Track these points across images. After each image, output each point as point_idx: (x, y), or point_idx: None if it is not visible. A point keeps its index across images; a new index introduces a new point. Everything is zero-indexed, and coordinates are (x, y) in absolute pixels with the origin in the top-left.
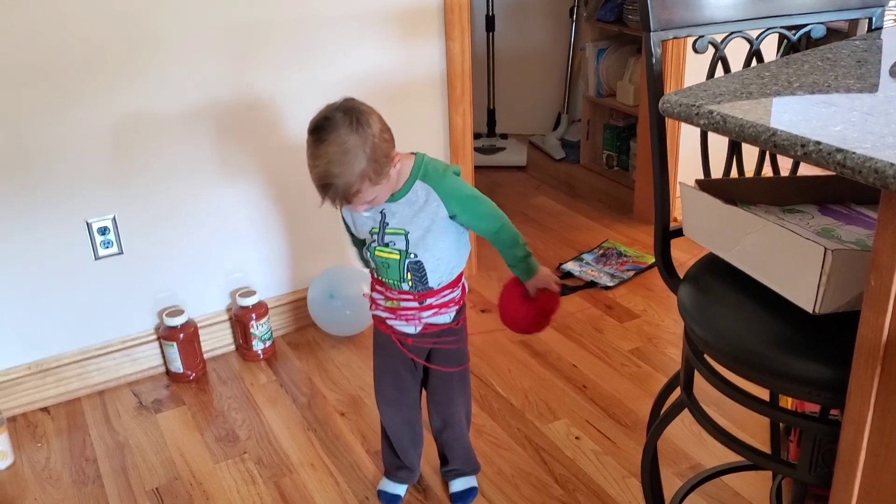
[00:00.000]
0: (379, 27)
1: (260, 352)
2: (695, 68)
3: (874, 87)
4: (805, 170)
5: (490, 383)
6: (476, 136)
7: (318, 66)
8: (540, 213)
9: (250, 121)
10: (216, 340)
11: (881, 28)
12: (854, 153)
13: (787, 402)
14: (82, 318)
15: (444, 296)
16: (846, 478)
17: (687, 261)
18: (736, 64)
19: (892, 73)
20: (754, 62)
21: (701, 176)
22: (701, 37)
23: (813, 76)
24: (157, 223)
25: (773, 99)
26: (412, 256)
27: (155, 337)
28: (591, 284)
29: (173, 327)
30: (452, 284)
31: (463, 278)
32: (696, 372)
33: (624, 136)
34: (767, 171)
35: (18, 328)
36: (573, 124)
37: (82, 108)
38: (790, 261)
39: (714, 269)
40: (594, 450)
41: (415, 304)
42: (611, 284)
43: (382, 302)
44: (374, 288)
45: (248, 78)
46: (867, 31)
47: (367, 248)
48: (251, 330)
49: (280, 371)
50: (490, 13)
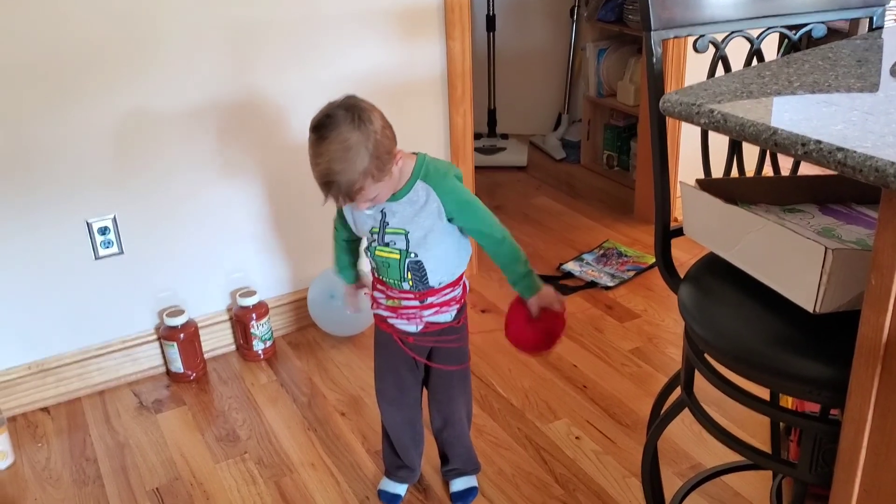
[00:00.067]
0: (379, 27)
1: (260, 352)
2: (695, 68)
3: (875, 87)
4: (805, 169)
5: (490, 383)
6: (476, 136)
7: (318, 65)
8: (540, 214)
9: (250, 120)
10: (217, 340)
11: (882, 27)
12: (855, 152)
13: (788, 402)
14: (82, 318)
15: (445, 294)
16: (846, 477)
17: (687, 260)
18: (736, 63)
19: (893, 73)
20: (755, 61)
21: (701, 175)
22: (701, 36)
23: (813, 75)
24: (158, 223)
25: (774, 98)
26: (412, 256)
27: (155, 337)
28: (592, 284)
29: (174, 327)
30: (453, 283)
31: (464, 277)
32: (696, 371)
33: (624, 136)
34: (768, 170)
35: (18, 328)
36: (574, 124)
37: (82, 108)
38: (791, 260)
39: (714, 268)
40: (594, 449)
41: (416, 303)
42: (611, 284)
43: (383, 301)
44: (376, 287)
45: (248, 78)
46: (868, 31)
47: (368, 248)
48: (251, 330)
49: (280, 371)
50: (491, 13)
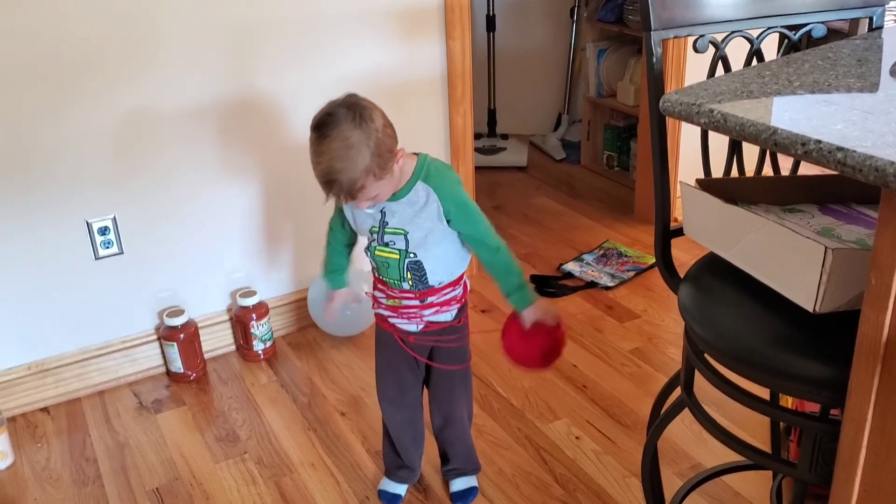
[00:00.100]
0: (379, 27)
1: (260, 352)
2: (695, 68)
3: (874, 86)
4: (805, 169)
5: (490, 383)
6: (476, 136)
7: (318, 65)
8: (540, 214)
9: (250, 120)
10: (217, 340)
11: (882, 27)
12: (854, 151)
13: (788, 402)
14: (82, 318)
15: (446, 294)
16: (846, 477)
17: (687, 260)
18: (736, 63)
19: (893, 73)
20: (755, 61)
21: (701, 175)
22: (701, 36)
23: (813, 75)
24: (158, 223)
25: (774, 98)
26: (412, 256)
27: (155, 337)
28: (592, 284)
29: (174, 327)
30: (454, 283)
31: (465, 277)
32: (696, 371)
33: (624, 136)
34: (768, 170)
35: (18, 328)
36: (574, 125)
37: (82, 108)
38: (790, 260)
39: (714, 268)
40: (594, 449)
41: (416, 303)
42: (611, 284)
43: (384, 300)
44: (376, 286)
45: (248, 78)
46: (868, 31)
47: (368, 248)
48: (252, 330)
49: (280, 371)
50: (491, 13)
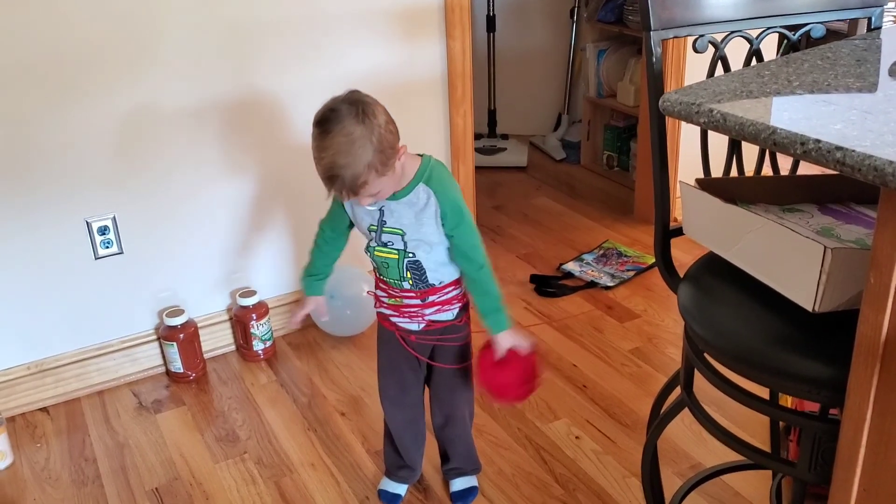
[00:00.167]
0: (380, 27)
1: (260, 352)
2: (695, 67)
3: (873, 86)
4: (805, 169)
5: None
6: (477, 136)
7: (318, 65)
8: (540, 214)
9: (251, 120)
10: (216, 340)
11: (880, 28)
12: (853, 151)
13: (787, 401)
14: (82, 318)
15: (447, 293)
16: (846, 476)
17: (687, 260)
18: (736, 63)
19: (892, 73)
20: (754, 61)
21: (701, 175)
22: (701, 36)
23: (812, 75)
24: (157, 223)
25: (773, 97)
26: (410, 256)
27: (155, 337)
28: (592, 284)
29: (173, 327)
30: (455, 282)
31: None
32: (696, 371)
33: (624, 136)
34: (767, 170)
35: (18, 328)
36: (574, 125)
37: (82, 108)
38: (790, 259)
39: (714, 268)
40: (594, 449)
41: (417, 302)
42: (611, 284)
43: (386, 300)
44: (378, 286)
45: (248, 77)
46: (866, 31)
47: (367, 248)
48: (251, 330)
49: (280, 371)
50: (491, 13)
